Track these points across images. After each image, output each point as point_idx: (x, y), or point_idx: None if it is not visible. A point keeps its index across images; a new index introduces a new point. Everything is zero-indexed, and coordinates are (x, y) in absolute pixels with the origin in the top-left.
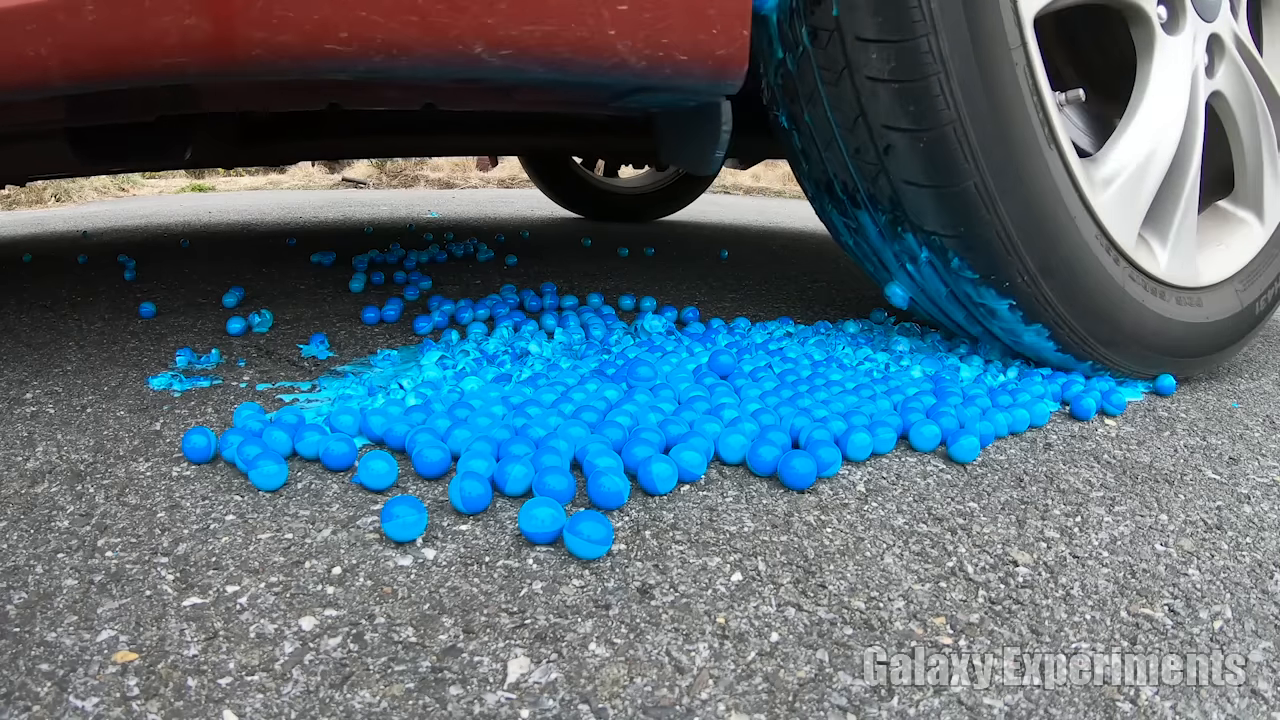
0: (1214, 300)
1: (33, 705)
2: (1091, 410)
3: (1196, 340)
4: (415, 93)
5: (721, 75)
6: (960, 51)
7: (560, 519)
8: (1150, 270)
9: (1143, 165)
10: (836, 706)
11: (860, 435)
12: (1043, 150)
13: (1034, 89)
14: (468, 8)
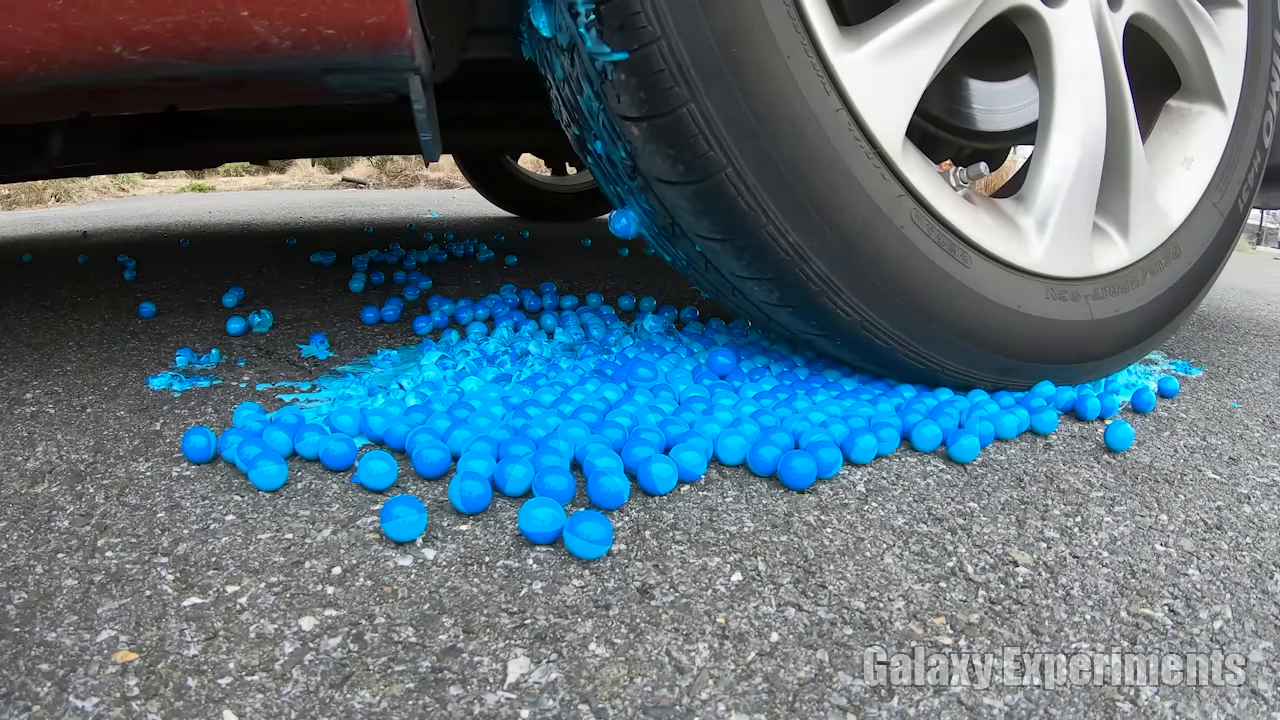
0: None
1: (33, 705)
2: (1095, 410)
3: (1083, 342)
4: (151, 95)
5: (382, 46)
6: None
7: (560, 519)
8: (1015, 260)
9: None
10: (836, 706)
11: (866, 438)
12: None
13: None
14: (98, 7)
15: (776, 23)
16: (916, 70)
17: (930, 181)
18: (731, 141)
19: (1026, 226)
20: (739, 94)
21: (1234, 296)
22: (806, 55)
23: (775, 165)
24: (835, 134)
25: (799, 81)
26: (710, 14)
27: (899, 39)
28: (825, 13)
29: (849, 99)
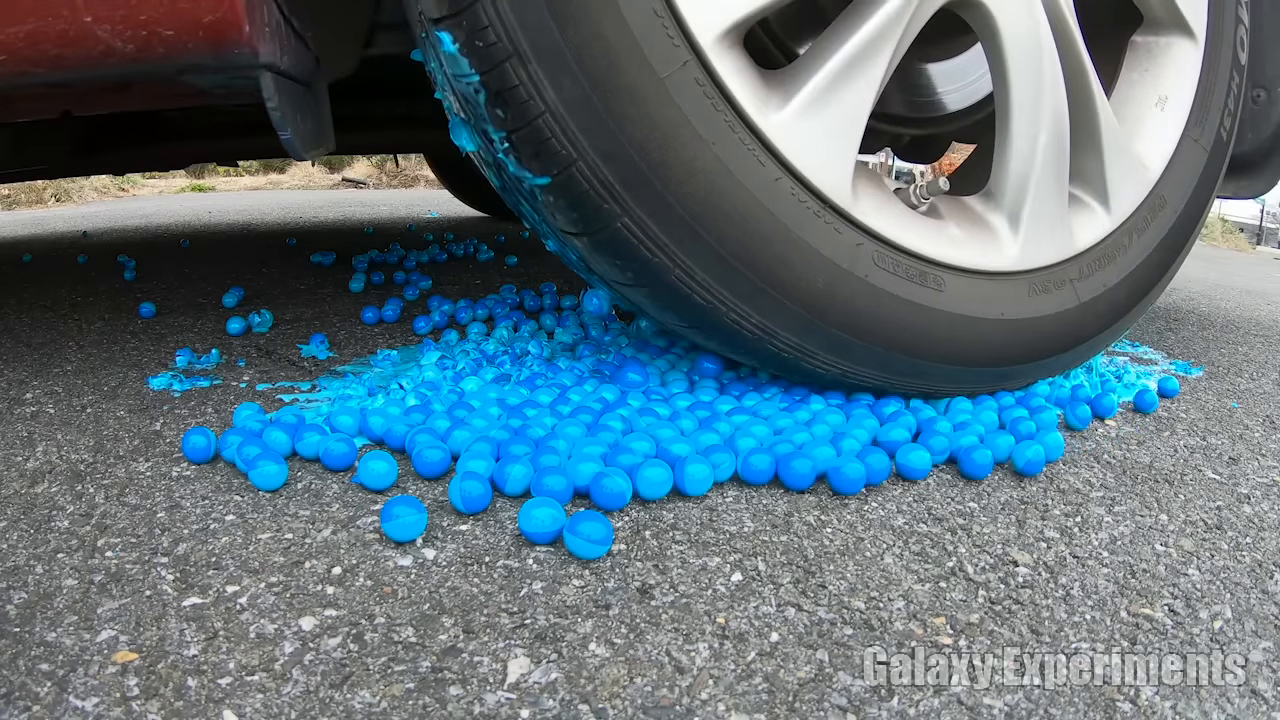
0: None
1: (33, 705)
2: (1113, 409)
3: (1073, 329)
4: (41, 102)
5: (221, 45)
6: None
7: (560, 519)
8: (992, 265)
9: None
10: (836, 706)
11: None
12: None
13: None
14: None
15: (696, 114)
16: (855, 106)
17: (889, 214)
18: (674, 246)
19: (998, 225)
20: (671, 198)
21: (1234, 296)
22: (734, 133)
23: (724, 259)
24: (779, 206)
25: (731, 166)
26: (624, 126)
27: (829, 81)
28: (747, 77)
29: (788, 163)
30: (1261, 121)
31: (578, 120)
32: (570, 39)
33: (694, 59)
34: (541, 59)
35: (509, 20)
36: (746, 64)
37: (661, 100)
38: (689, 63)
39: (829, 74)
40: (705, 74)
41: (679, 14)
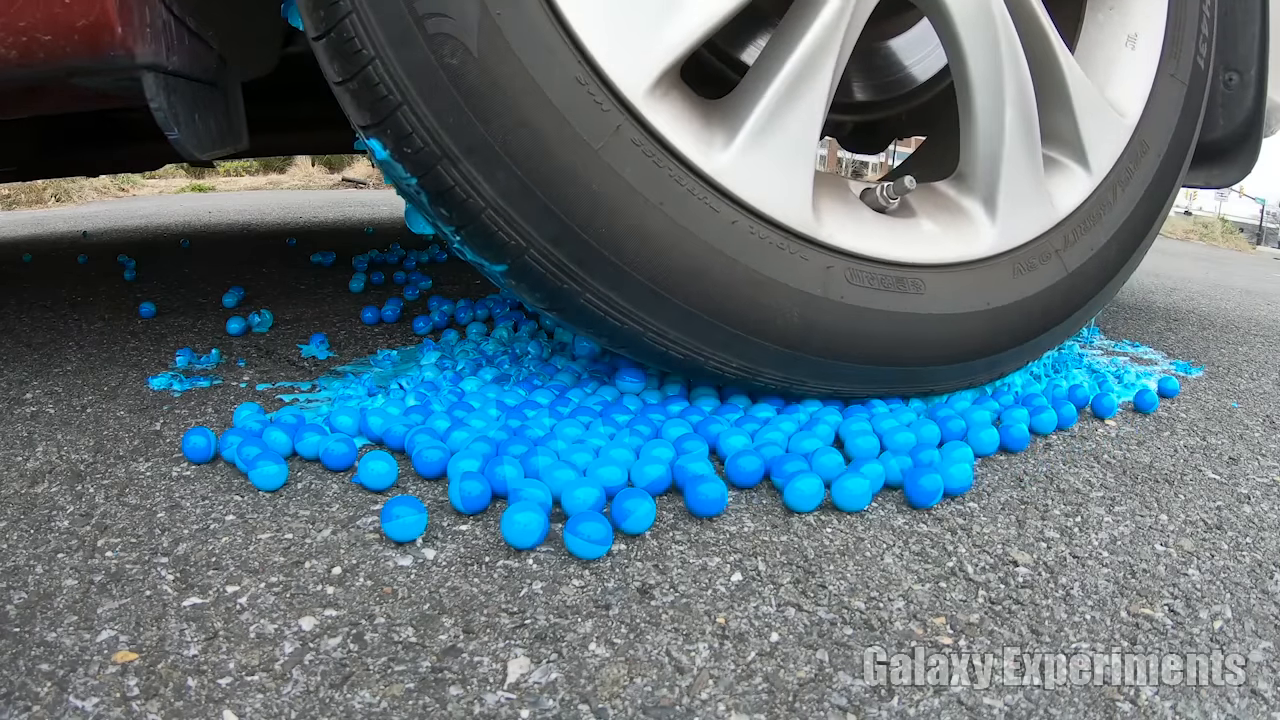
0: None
1: (33, 705)
2: (1113, 409)
3: (1065, 299)
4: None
5: (97, 48)
6: None
7: (544, 525)
8: (972, 254)
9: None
10: (836, 706)
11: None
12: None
13: None
14: None
15: (639, 178)
16: (805, 126)
17: (855, 227)
18: (641, 312)
19: (973, 210)
20: (627, 268)
21: (1234, 296)
22: (680, 185)
23: (693, 315)
24: (740, 249)
25: (683, 222)
26: (567, 208)
27: (774, 107)
28: (687, 121)
29: (742, 202)
30: (1234, 106)
31: (520, 210)
32: (495, 132)
33: (628, 119)
34: (471, 157)
35: (431, 124)
36: (684, 105)
37: (601, 173)
38: (622, 125)
39: (773, 99)
40: (642, 131)
41: (605, 77)
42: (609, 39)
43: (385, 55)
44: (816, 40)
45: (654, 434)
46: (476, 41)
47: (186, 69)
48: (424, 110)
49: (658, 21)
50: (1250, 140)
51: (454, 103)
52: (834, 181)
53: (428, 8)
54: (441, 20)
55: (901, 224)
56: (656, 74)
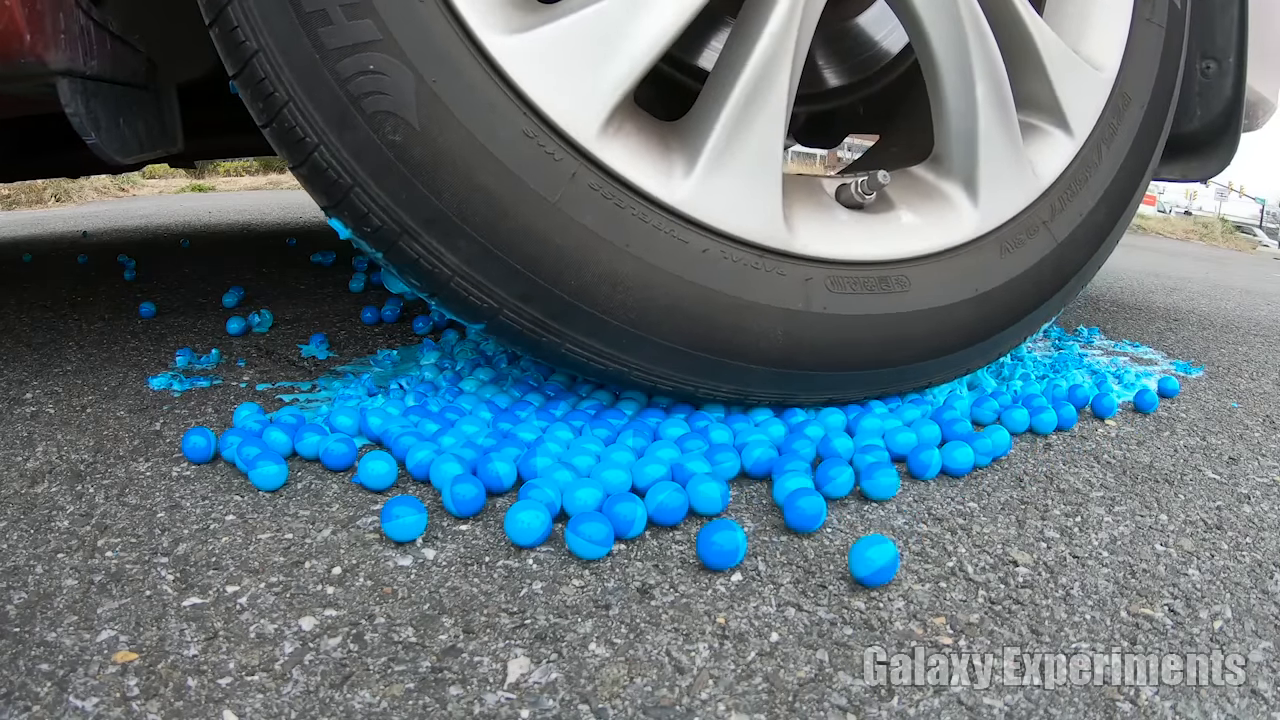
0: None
1: (33, 705)
2: (1113, 408)
3: (1057, 270)
4: None
5: (6, 54)
6: None
7: (548, 524)
8: (956, 239)
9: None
10: (836, 706)
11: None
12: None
13: None
14: None
15: (601, 223)
16: (768, 138)
17: (831, 232)
18: (624, 353)
19: (954, 194)
20: (602, 315)
21: (1234, 296)
22: (645, 223)
23: (676, 350)
24: (715, 276)
25: (653, 260)
26: (533, 266)
27: (732, 126)
28: (646, 153)
29: (712, 227)
30: (1212, 96)
31: (486, 274)
32: (450, 203)
33: (582, 164)
34: (431, 229)
35: (385, 203)
36: (641, 136)
37: (561, 225)
38: (578, 172)
39: (731, 115)
40: (599, 174)
41: (554, 125)
42: (553, 85)
43: (328, 140)
44: (769, 46)
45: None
46: (416, 114)
47: (109, 73)
48: (375, 190)
49: (601, 58)
50: (1229, 132)
51: (404, 179)
52: (805, 184)
53: (363, 87)
54: (378, 98)
55: (879, 220)
56: (607, 112)
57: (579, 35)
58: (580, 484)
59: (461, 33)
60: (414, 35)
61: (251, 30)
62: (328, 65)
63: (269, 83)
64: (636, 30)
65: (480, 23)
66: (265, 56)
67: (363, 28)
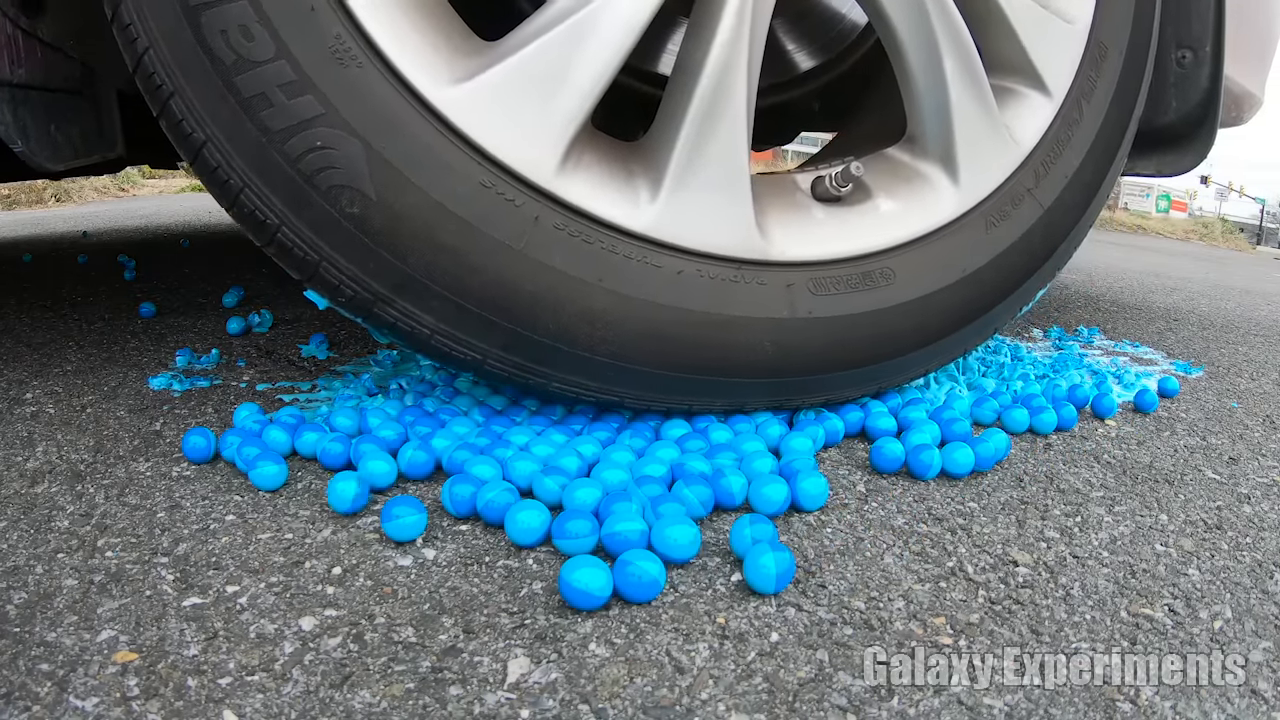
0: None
1: (33, 705)
2: (1113, 408)
3: (1049, 238)
4: None
5: None
6: None
7: (549, 523)
8: (940, 219)
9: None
10: (836, 706)
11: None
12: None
13: None
14: None
15: (572, 262)
16: (732, 150)
17: (808, 232)
18: (612, 385)
19: (932, 173)
20: (585, 352)
21: (1234, 296)
22: (615, 254)
23: (666, 377)
24: (695, 297)
25: (628, 291)
26: (510, 316)
27: (692, 144)
28: (609, 182)
29: (687, 249)
30: (1188, 86)
31: (465, 330)
32: (416, 266)
33: (544, 205)
34: (403, 294)
35: (353, 273)
36: (602, 165)
37: (531, 271)
38: (540, 215)
39: (691, 132)
40: (563, 212)
41: (511, 170)
42: (505, 130)
43: (288, 220)
44: (722, 55)
45: (654, 436)
46: (371, 184)
47: (39, 81)
48: (343, 263)
49: (549, 94)
50: (1206, 124)
51: (368, 249)
52: (777, 184)
53: (314, 164)
54: (330, 173)
55: (857, 211)
56: (563, 147)
57: (524, 74)
58: (579, 483)
59: (405, 91)
60: (357, 104)
61: (196, 122)
62: (275, 147)
63: (222, 170)
64: (583, 59)
65: (423, 78)
66: (214, 145)
67: (304, 105)
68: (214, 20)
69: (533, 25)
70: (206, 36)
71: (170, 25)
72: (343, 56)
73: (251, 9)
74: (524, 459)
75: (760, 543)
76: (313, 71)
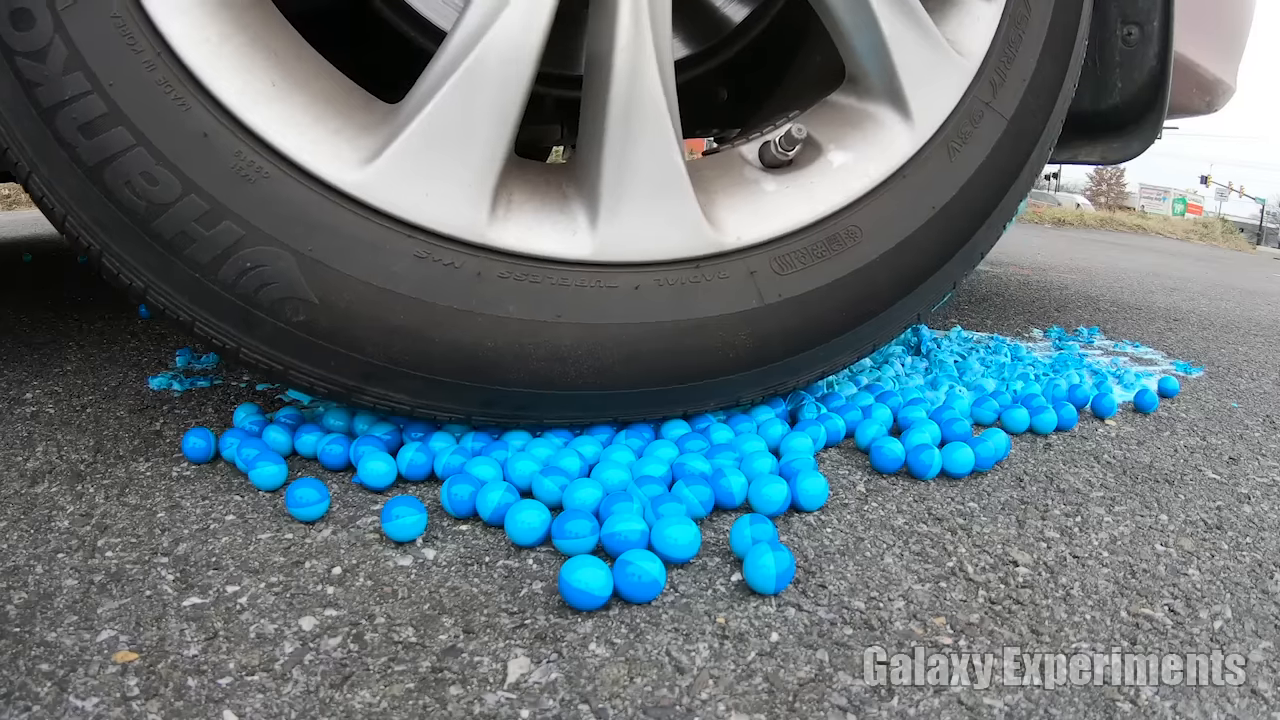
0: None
1: (33, 705)
2: (1112, 408)
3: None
4: None
5: None
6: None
7: (549, 523)
8: (891, 165)
9: None
10: (836, 706)
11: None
12: None
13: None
14: None
15: (527, 308)
16: (661, 150)
17: (762, 209)
18: (603, 412)
19: (880, 112)
20: (566, 389)
21: (1234, 296)
22: (567, 286)
23: (650, 392)
24: (660, 307)
25: (592, 319)
26: (481, 376)
27: (619, 158)
28: (548, 218)
29: (638, 262)
30: (1134, 66)
31: (441, 398)
32: (375, 353)
33: (484, 259)
34: (370, 381)
35: (320, 374)
36: (535, 201)
37: (489, 327)
38: (482, 270)
39: (615, 144)
40: (505, 260)
41: (443, 234)
42: (425, 197)
43: (244, 341)
44: (628, 32)
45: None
46: (309, 289)
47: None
48: (307, 368)
49: (460, 149)
50: (1154, 108)
51: (325, 350)
52: (722, 163)
53: (250, 285)
54: (268, 289)
55: (809, 173)
56: (489, 197)
57: (430, 137)
58: (581, 484)
59: (319, 186)
60: (274, 215)
61: (132, 272)
62: (210, 279)
63: (170, 310)
64: (485, 104)
65: (333, 168)
66: (155, 290)
67: (224, 231)
68: (116, 174)
69: (427, 82)
70: (113, 191)
71: (78, 189)
72: (248, 172)
73: (148, 154)
74: (523, 459)
75: (760, 543)
76: (223, 196)
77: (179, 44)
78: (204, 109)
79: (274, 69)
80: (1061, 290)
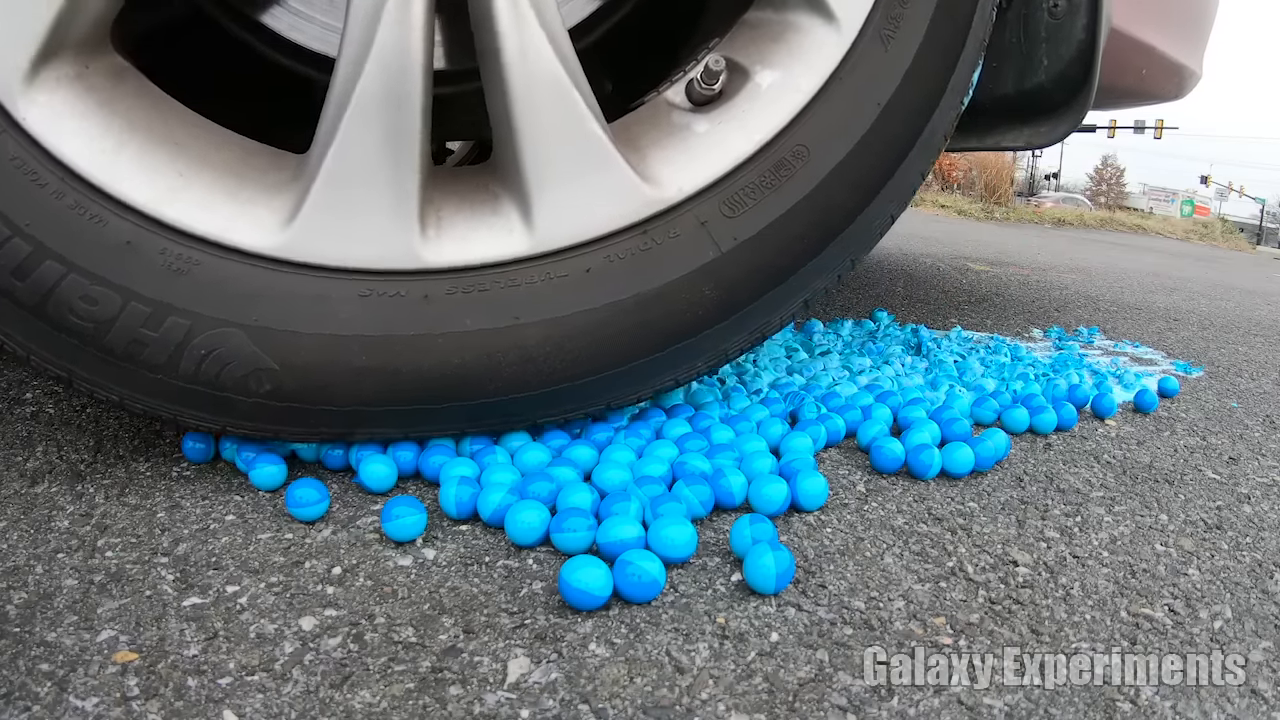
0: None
1: (33, 705)
2: (1112, 409)
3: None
4: None
5: None
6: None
7: (548, 522)
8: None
9: None
10: (836, 706)
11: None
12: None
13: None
14: None
15: (483, 317)
16: (575, 120)
17: (696, 151)
18: (593, 399)
19: (801, 19)
20: (549, 387)
21: (1234, 296)
22: (516, 288)
23: (636, 368)
24: (618, 283)
25: (552, 312)
26: (460, 394)
27: (535, 140)
28: (488, 225)
29: (584, 241)
30: (1060, 41)
31: (430, 424)
32: (347, 400)
33: (428, 281)
34: (358, 426)
35: (307, 432)
36: (466, 210)
37: (452, 346)
38: (429, 293)
39: (529, 131)
40: (449, 277)
41: (380, 270)
42: (355, 240)
43: (227, 421)
44: (515, 42)
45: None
46: (266, 357)
47: None
48: (293, 430)
49: (376, 184)
50: (1084, 87)
51: (300, 411)
52: (650, 116)
53: (211, 370)
54: (229, 368)
55: (737, 104)
56: (416, 221)
57: (340, 184)
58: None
59: (250, 259)
60: (214, 299)
61: (104, 389)
62: (172, 376)
63: (149, 408)
64: (386, 135)
65: (258, 238)
66: (130, 400)
67: (172, 327)
68: (57, 306)
69: (326, 120)
70: (60, 321)
71: (28, 328)
72: (178, 265)
73: (81, 277)
74: (523, 458)
75: (760, 543)
76: (161, 295)
77: (79, 163)
78: (120, 219)
79: (177, 158)
80: (1061, 290)
